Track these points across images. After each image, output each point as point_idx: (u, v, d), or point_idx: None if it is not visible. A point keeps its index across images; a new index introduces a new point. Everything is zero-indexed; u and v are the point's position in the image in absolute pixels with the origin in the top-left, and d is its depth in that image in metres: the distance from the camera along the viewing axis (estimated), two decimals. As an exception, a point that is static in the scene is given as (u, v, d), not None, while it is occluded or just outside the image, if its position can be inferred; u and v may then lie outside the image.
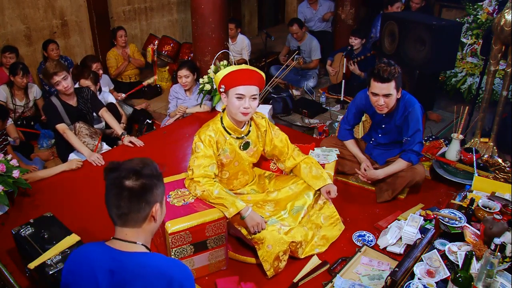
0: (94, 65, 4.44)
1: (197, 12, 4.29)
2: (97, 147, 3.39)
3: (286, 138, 2.51)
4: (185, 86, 4.09)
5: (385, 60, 2.68)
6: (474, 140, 3.53)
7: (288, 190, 2.43)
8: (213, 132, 2.27)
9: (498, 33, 3.24)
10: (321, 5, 6.27)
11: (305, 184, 2.42)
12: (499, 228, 2.00)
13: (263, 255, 2.16)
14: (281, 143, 2.48)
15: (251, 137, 2.39)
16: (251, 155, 2.43)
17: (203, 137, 2.25)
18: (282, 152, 2.50)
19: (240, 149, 2.36)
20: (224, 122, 2.31)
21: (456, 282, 1.74)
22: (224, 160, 2.34)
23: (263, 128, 2.44)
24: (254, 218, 2.13)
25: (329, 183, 2.38)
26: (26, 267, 1.99)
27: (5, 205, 2.56)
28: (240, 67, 2.20)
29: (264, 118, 2.47)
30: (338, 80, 5.31)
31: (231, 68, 2.19)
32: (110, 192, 1.37)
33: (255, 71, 2.22)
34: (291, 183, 2.45)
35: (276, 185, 2.51)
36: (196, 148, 2.26)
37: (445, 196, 2.89)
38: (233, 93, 2.19)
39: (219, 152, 2.30)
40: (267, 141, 2.47)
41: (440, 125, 4.55)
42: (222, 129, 2.30)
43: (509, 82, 3.34)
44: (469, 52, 4.96)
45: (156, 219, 1.43)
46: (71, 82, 3.27)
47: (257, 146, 2.44)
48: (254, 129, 2.41)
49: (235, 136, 2.33)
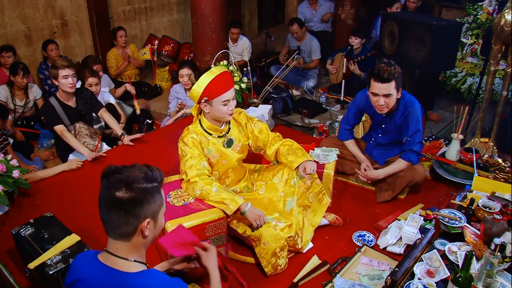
0: (95, 66, 4.45)
1: (197, 12, 4.30)
2: (97, 147, 3.39)
3: (266, 127, 2.54)
4: (187, 85, 4.09)
5: (385, 60, 2.68)
6: (474, 140, 3.53)
7: (275, 182, 2.45)
8: (195, 134, 2.31)
9: (498, 33, 3.24)
10: (320, 5, 6.27)
11: (289, 171, 2.43)
12: (499, 228, 2.00)
13: (260, 252, 2.18)
14: (261, 134, 2.51)
15: (232, 134, 2.42)
16: (238, 151, 2.45)
17: (186, 140, 2.29)
18: (265, 142, 2.52)
19: (224, 147, 2.39)
20: (203, 124, 2.35)
21: (456, 282, 1.74)
22: (212, 160, 2.36)
23: (243, 122, 2.48)
24: (254, 212, 2.15)
25: (305, 160, 2.38)
26: (26, 267, 1.99)
27: (5, 205, 2.56)
28: (215, 74, 2.21)
29: (241, 112, 2.51)
30: (338, 80, 5.31)
31: (208, 77, 2.21)
32: (100, 200, 1.33)
33: (227, 72, 2.27)
34: (276, 172, 2.47)
35: (264, 176, 2.53)
36: (182, 152, 2.29)
37: (445, 196, 2.89)
38: (218, 101, 2.23)
39: (205, 153, 2.33)
40: (248, 133, 2.50)
41: (440, 125, 4.55)
42: (203, 131, 2.34)
43: (509, 82, 3.34)
44: (469, 52, 4.96)
45: (145, 234, 1.34)
46: (75, 81, 3.29)
47: (241, 141, 2.46)
48: (234, 126, 2.44)
49: (216, 135, 2.36)
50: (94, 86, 3.92)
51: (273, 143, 2.52)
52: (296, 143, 2.52)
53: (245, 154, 2.53)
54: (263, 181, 2.50)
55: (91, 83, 3.89)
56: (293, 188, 2.39)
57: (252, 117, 2.55)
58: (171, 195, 2.26)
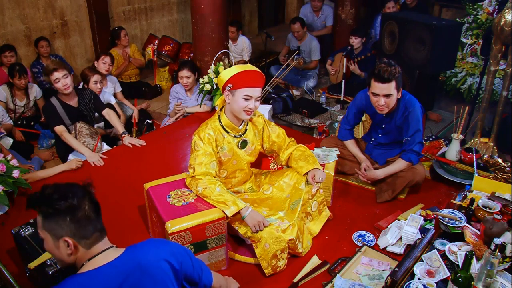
0: (102, 56, 4.38)
1: (197, 12, 4.29)
2: (96, 147, 3.39)
3: (283, 132, 2.55)
4: (187, 87, 4.09)
5: (385, 60, 2.68)
6: (474, 140, 3.54)
7: (282, 184, 2.45)
8: (212, 131, 2.29)
9: (498, 33, 3.24)
10: (323, 13, 6.28)
11: (298, 176, 2.44)
12: (499, 228, 2.00)
13: (260, 254, 2.18)
14: (278, 138, 2.51)
15: (248, 136, 2.41)
16: (249, 154, 2.45)
17: (202, 135, 2.27)
18: (280, 146, 2.53)
19: (238, 147, 2.39)
20: (222, 120, 2.34)
21: (456, 282, 1.74)
22: (223, 158, 2.36)
23: (260, 126, 2.48)
24: (254, 217, 2.15)
25: (314, 168, 2.39)
26: (26, 267, 1.99)
27: (5, 205, 2.56)
28: (248, 68, 2.23)
29: (260, 115, 2.51)
30: (338, 80, 5.31)
31: (239, 68, 2.22)
32: None
33: (261, 73, 2.26)
34: (285, 176, 2.47)
35: (272, 179, 2.53)
36: (195, 146, 2.27)
37: (445, 196, 2.89)
38: (240, 93, 2.21)
39: (218, 150, 2.32)
40: (264, 138, 2.50)
41: (440, 125, 4.55)
42: (220, 128, 2.33)
43: (509, 82, 3.34)
44: (469, 52, 4.96)
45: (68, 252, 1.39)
46: (71, 81, 3.27)
47: (255, 144, 2.46)
48: (251, 128, 2.44)
49: (232, 134, 2.35)
50: (99, 83, 3.91)
51: (287, 148, 2.53)
52: (308, 150, 2.52)
53: (255, 158, 2.53)
54: (271, 184, 2.50)
55: (96, 80, 3.88)
56: (301, 191, 2.39)
57: (269, 121, 2.55)
58: (171, 195, 2.26)
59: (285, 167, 2.60)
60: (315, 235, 2.50)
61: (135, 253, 1.44)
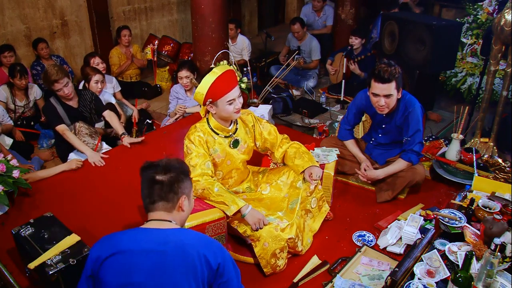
0: (92, 59, 4.40)
1: (197, 12, 4.30)
2: (97, 147, 3.39)
3: (275, 129, 2.54)
4: (186, 87, 4.09)
5: (385, 60, 2.68)
6: (474, 140, 3.54)
7: (280, 184, 2.46)
8: (202, 133, 2.31)
9: (498, 33, 3.24)
10: (324, 13, 6.29)
11: (295, 174, 2.44)
12: (499, 228, 2.00)
13: (259, 252, 2.18)
14: (270, 135, 2.51)
15: (239, 135, 2.42)
16: (243, 152, 2.45)
17: (193, 138, 2.29)
18: (273, 144, 2.53)
19: (230, 147, 2.39)
20: (210, 123, 2.35)
21: (456, 282, 1.74)
22: (217, 160, 2.37)
23: (251, 123, 2.48)
24: (254, 215, 2.15)
25: (311, 165, 2.39)
26: (26, 267, 1.99)
27: (5, 205, 2.56)
28: (216, 75, 2.20)
29: (250, 113, 2.51)
30: (338, 80, 5.31)
31: (210, 80, 2.19)
32: (144, 186, 1.60)
33: (229, 71, 2.25)
34: (282, 175, 2.48)
35: (269, 178, 2.53)
36: (188, 150, 2.29)
37: (445, 196, 2.89)
38: (224, 101, 2.22)
39: (210, 152, 2.33)
40: (256, 135, 2.50)
41: (440, 125, 4.55)
42: (210, 130, 2.34)
43: (509, 82, 3.34)
44: (469, 52, 4.96)
45: (183, 209, 1.64)
46: (72, 87, 3.29)
47: (247, 142, 2.46)
48: (241, 126, 2.44)
49: (223, 135, 2.36)
50: (100, 83, 3.91)
51: (281, 145, 2.52)
52: (303, 147, 2.53)
53: (249, 156, 2.53)
54: (268, 183, 2.50)
55: (98, 80, 3.88)
56: (298, 190, 2.39)
57: (260, 119, 2.55)
58: (171, 195, 2.26)
59: (276, 164, 2.60)
60: (315, 232, 2.50)
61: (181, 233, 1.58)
